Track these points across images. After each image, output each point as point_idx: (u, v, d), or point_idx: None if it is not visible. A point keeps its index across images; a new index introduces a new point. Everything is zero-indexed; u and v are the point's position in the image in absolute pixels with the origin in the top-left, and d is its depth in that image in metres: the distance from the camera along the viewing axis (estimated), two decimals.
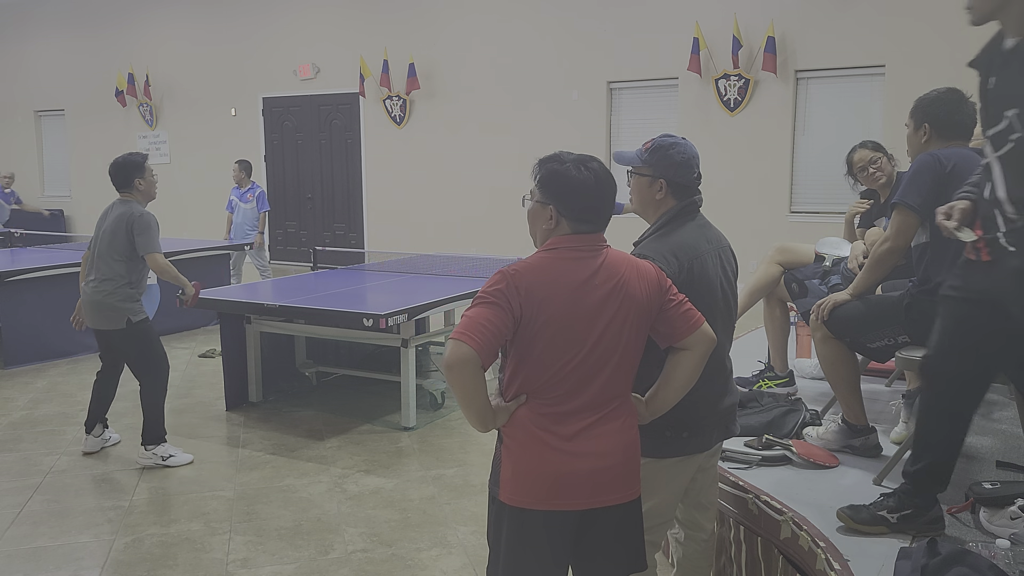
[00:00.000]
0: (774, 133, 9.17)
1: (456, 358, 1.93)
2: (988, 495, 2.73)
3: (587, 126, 10.12)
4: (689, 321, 2.16)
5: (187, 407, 5.79)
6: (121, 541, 3.77)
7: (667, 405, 2.23)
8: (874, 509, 2.71)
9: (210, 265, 8.66)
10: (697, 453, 2.47)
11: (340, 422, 5.42)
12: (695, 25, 9.21)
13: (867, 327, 3.22)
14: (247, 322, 5.73)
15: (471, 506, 4.10)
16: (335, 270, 7.14)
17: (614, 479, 2.10)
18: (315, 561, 3.56)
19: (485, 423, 2.06)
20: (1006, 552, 2.27)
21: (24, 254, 8.24)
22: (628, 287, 2.08)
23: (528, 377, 2.07)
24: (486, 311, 1.99)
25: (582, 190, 2.09)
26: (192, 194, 13.39)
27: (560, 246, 2.10)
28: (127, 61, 13.78)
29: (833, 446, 3.40)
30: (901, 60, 8.44)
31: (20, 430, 5.32)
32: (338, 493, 4.28)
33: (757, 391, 4.05)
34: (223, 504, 4.15)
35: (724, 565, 3.17)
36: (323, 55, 12.10)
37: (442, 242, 11.00)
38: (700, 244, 2.44)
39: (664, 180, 2.46)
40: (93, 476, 4.54)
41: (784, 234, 8.58)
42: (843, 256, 3.95)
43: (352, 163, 12.25)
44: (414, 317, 5.08)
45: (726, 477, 3.12)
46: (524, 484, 2.08)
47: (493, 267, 6.79)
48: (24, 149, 15.40)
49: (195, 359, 7.19)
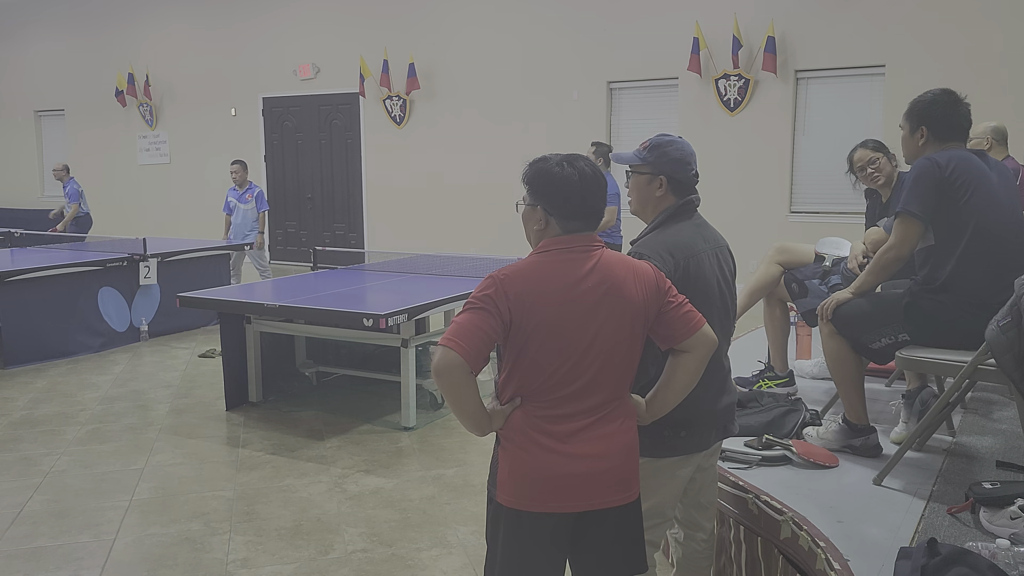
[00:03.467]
0: (774, 133, 9.17)
1: (444, 364, 1.94)
2: (988, 495, 2.73)
3: (587, 126, 10.12)
4: (689, 323, 2.15)
5: (187, 407, 5.79)
6: (121, 541, 3.76)
7: (667, 407, 2.23)
8: None
9: (210, 265, 8.67)
10: (695, 452, 2.47)
11: (340, 422, 5.42)
12: (695, 25, 9.21)
13: (868, 327, 3.23)
14: (247, 322, 5.73)
15: (471, 506, 4.10)
16: (335, 270, 7.14)
17: (612, 481, 2.10)
18: (315, 561, 3.56)
19: (481, 427, 2.06)
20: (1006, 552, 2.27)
21: (24, 254, 8.24)
22: (623, 289, 2.08)
23: (523, 380, 2.07)
24: (474, 317, 1.99)
25: (566, 187, 2.09)
26: (192, 194, 13.40)
27: (551, 248, 2.10)
28: (127, 61, 13.78)
29: (833, 446, 3.39)
30: (901, 60, 8.44)
31: (20, 430, 5.32)
32: (338, 493, 4.28)
33: (757, 391, 4.05)
34: (223, 504, 4.15)
35: (724, 565, 3.17)
36: (323, 55, 12.10)
37: (442, 242, 11.00)
38: (696, 243, 2.44)
39: (664, 177, 2.47)
40: (93, 476, 4.54)
41: (784, 234, 8.59)
42: (843, 256, 3.96)
43: (352, 163, 12.25)
44: (414, 317, 5.08)
45: (726, 477, 3.12)
46: (521, 486, 2.07)
47: (493, 267, 6.78)
48: (24, 149, 15.40)
49: (195, 359, 7.19)
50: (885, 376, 4.48)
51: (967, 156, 3.08)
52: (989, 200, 3.03)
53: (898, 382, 4.39)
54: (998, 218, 3.05)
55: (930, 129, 3.15)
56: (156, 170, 13.92)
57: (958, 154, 3.06)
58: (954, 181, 3.00)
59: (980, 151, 3.23)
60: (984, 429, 3.74)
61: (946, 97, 3.15)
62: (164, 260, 8.10)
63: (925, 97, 3.19)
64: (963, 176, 3.01)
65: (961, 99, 3.15)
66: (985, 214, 3.02)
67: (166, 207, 13.77)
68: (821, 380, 4.46)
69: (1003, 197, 3.09)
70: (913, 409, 3.49)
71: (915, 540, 2.62)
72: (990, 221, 3.02)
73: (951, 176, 2.99)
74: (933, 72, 8.16)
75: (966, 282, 3.03)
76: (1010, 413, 3.91)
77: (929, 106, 3.15)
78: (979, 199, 3.01)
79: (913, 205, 3.03)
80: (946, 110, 3.13)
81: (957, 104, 3.13)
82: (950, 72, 8.12)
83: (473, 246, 10.60)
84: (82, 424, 5.42)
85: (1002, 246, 3.04)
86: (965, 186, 3.00)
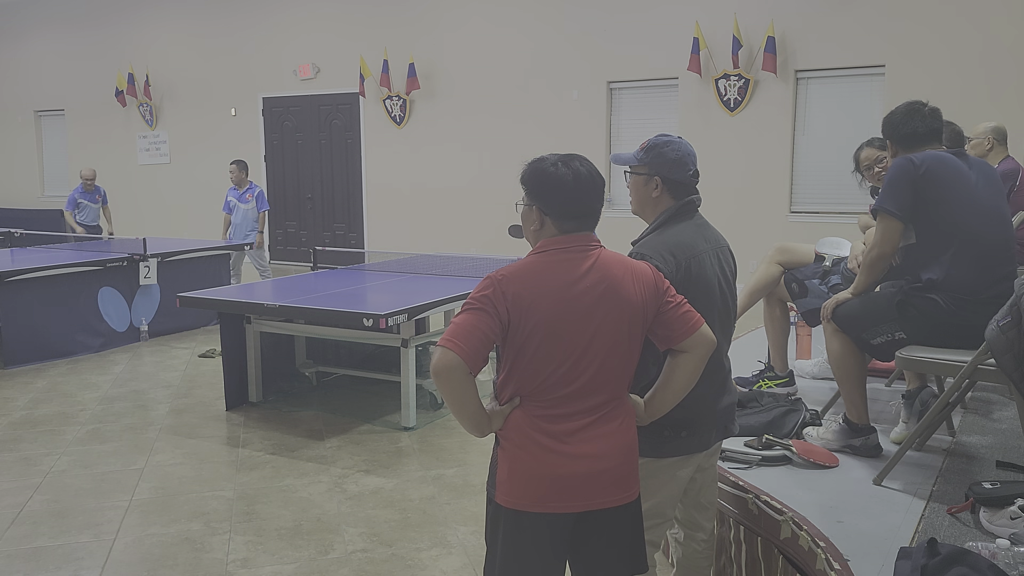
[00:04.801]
0: (774, 133, 9.17)
1: (442, 365, 1.94)
2: (988, 495, 2.73)
3: (587, 126, 10.12)
4: (688, 323, 2.15)
5: (187, 407, 5.79)
6: (121, 541, 3.76)
7: (666, 407, 2.23)
8: None
9: (210, 265, 8.67)
10: (696, 452, 2.47)
11: (340, 422, 5.42)
12: (695, 25, 9.21)
13: (867, 324, 3.27)
14: (247, 322, 5.73)
15: (471, 506, 4.10)
16: (335, 270, 7.14)
17: (611, 480, 2.10)
18: (315, 561, 3.56)
19: (480, 428, 2.06)
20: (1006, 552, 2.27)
21: (24, 254, 8.24)
22: (621, 288, 2.08)
23: (521, 380, 2.07)
24: (472, 317, 2.00)
25: (560, 185, 2.09)
26: (192, 194, 13.39)
27: (549, 248, 2.10)
28: (127, 61, 13.78)
29: (833, 446, 3.40)
30: (901, 60, 8.44)
31: (20, 430, 5.32)
32: (338, 493, 4.28)
33: (757, 391, 4.05)
34: (223, 504, 4.15)
35: (724, 565, 3.17)
36: (323, 55, 12.10)
37: (442, 242, 11.00)
38: (698, 243, 2.44)
39: (659, 178, 2.47)
40: (93, 476, 4.53)
41: (784, 234, 8.59)
42: (843, 256, 3.96)
43: (352, 163, 12.25)
44: (414, 317, 5.09)
45: (726, 477, 3.12)
46: (520, 486, 2.08)
47: (493, 267, 6.78)
48: (24, 149, 15.40)
49: (195, 359, 7.19)
50: (885, 376, 4.48)
51: (942, 156, 3.17)
52: (968, 197, 3.12)
53: (898, 382, 4.39)
54: (977, 213, 3.13)
55: (894, 142, 3.31)
56: (156, 170, 13.92)
57: (933, 154, 3.16)
58: (929, 179, 3.09)
59: (960, 151, 3.35)
60: (984, 429, 3.74)
61: (903, 108, 3.30)
62: (164, 260, 8.10)
63: (886, 117, 3.34)
64: (938, 174, 3.10)
65: (920, 107, 3.27)
66: (964, 211, 3.10)
67: (166, 207, 13.77)
68: (821, 380, 4.46)
69: (983, 195, 3.18)
70: (913, 409, 3.50)
71: (915, 540, 2.62)
72: (970, 218, 3.10)
73: (925, 175, 3.08)
74: (933, 72, 8.16)
75: (951, 279, 3.09)
76: (1010, 413, 3.91)
77: (888, 123, 3.32)
78: (956, 196, 3.10)
79: (889, 203, 3.13)
80: (904, 119, 3.26)
81: (913, 113, 3.25)
82: (950, 72, 8.12)
83: (473, 246, 10.60)
84: (82, 424, 5.42)
85: (983, 243, 3.11)
86: (941, 183, 3.09)
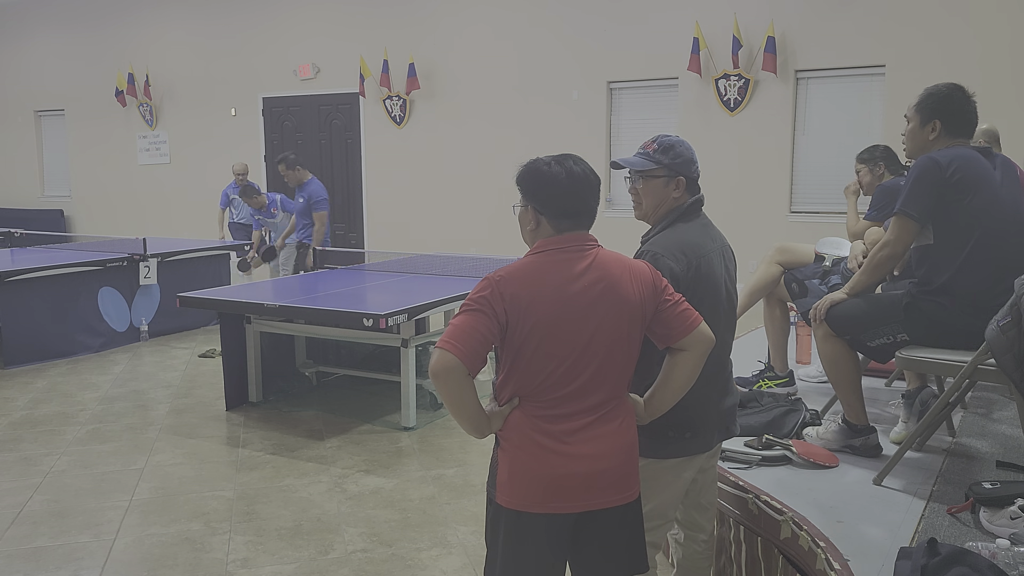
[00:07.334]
0: (774, 133, 9.17)
1: (441, 366, 1.94)
2: (988, 495, 2.73)
3: (587, 126, 10.11)
4: (686, 321, 2.14)
5: (187, 407, 5.79)
6: (121, 541, 3.77)
7: (665, 406, 2.22)
8: None
9: (210, 265, 8.67)
10: (699, 454, 2.47)
11: (340, 422, 5.42)
12: (695, 25, 9.20)
13: (867, 325, 3.21)
14: (247, 322, 5.73)
15: (471, 506, 4.10)
16: (335, 270, 7.14)
17: (611, 480, 2.09)
18: (315, 561, 3.56)
19: (480, 429, 2.06)
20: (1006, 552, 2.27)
21: (24, 254, 8.24)
22: (619, 287, 2.07)
23: (520, 381, 2.07)
24: (470, 318, 2.00)
25: (553, 183, 2.09)
26: (192, 194, 13.39)
27: (546, 248, 2.10)
28: (127, 61, 13.77)
29: (833, 446, 3.39)
30: (901, 60, 8.44)
31: (20, 430, 5.32)
32: (338, 493, 4.28)
33: (757, 391, 4.05)
34: (223, 504, 4.15)
35: (724, 565, 3.17)
36: (323, 55, 12.10)
37: (442, 242, 11.00)
38: (706, 243, 2.44)
39: (683, 177, 2.45)
40: (93, 476, 4.53)
41: (784, 234, 8.58)
42: (843, 256, 3.96)
43: (352, 163, 12.24)
44: (414, 317, 5.08)
45: (726, 477, 3.12)
46: (520, 486, 2.07)
47: (493, 267, 6.78)
48: (24, 149, 15.39)
49: (195, 359, 7.19)
50: (885, 376, 4.48)
51: (971, 155, 3.02)
52: (992, 200, 2.98)
53: (898, 382, 4.39)
54: (1000, 218, 3.00)
55: (944, 123, 3.08)
56: (156, 170, 13.91)
57: (961, 153, 3.00)
58: (956, 183, 2.94)
59: (986, 148, 3.16)
60: (984, 429, 3.74)
61: (960, 92, 3.10)
62: (164, 260, 8.10)
63: (940, 90, 3.11)
64: (965, 177, 2.95)
65: (970, 95, 3.11)
66: (987, 215, 2.96)
67: (166, 207, 13.76)
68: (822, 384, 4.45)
69: (1006, 196, 3.04)
70: (913, 409, 3.49)
71: (915, 540, 2.62)
72: (992, 222, 2.97)
73: (952, 176, 2.93)
74: (933, 72, 8.15)
75: (966, 284, 2.99)
76: (1010, 413, 3.91)
77: (945, 100, 3.08)
78: (981, 200, 2.96)
79: (911, 206, 3.00)
80: (961, 105, 3.08)
81: (969, 100, 3.10)
82: (951, 72, 8.11)
83: (473, 246, 10.60)
84: (82, 424, 5.42)
85: (1003, 248, 2.99)
86: (967, 187, 2.94)
